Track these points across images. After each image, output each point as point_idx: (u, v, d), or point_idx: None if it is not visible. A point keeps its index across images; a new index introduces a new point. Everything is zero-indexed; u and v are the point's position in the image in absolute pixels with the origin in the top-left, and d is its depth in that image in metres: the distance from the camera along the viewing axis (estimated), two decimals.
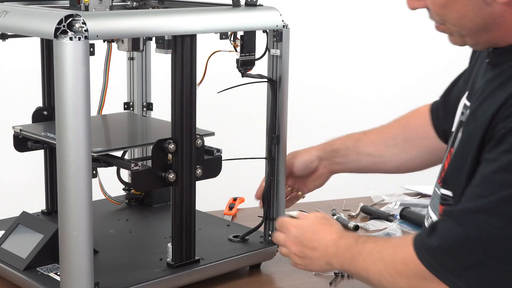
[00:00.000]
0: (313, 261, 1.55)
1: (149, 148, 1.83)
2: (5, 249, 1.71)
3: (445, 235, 1.31)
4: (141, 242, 1.85)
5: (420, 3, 1.39)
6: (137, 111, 2.09)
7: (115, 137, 1.90)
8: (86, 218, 1.47)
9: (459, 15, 1.34)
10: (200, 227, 1.85)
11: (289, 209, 2.07)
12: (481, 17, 1.33)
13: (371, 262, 1.43)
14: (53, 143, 1.67)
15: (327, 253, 1.52)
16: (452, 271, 1.30)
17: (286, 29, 1.73)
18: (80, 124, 1.43)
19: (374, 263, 1.42)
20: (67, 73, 1.41)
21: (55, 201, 1.93)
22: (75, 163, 1.44)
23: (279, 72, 1.75)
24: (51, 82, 1.88)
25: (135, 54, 2.07)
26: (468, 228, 1.28)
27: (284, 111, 1.77)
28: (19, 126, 1.81)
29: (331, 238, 1.53)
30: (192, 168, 1.66)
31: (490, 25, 1.34)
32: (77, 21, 1.42)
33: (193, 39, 1.60)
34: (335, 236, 1.53)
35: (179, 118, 1.63)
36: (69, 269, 1.49)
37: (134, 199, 2.09)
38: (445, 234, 1.31)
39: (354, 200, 2.27)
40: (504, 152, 1.25)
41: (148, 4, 1.93)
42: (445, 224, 1.32)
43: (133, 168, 1.60)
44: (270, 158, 1.79)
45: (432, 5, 1.37)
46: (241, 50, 1.69)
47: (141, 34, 1.59)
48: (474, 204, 1.28)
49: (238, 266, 1.78)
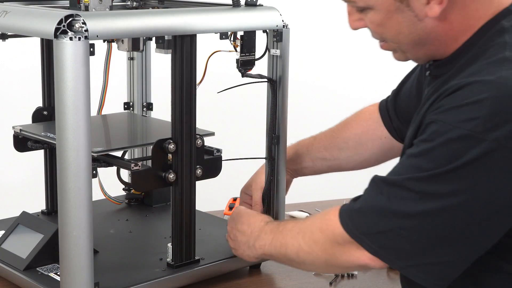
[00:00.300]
0: (239, 244, 1.66)
1: (149, 148, 1.83)
2: (5, 249, 1.71)
3: (366, 200, 1.40)
4: (141, 242, 1.85)
5: (361, 23, 1.46)
6: (137, 111, 2.09)
7: (115, 137, 1.90)
8: (86, 218, 1.47)
9: (395, 32, 1.42)
10: (200, 227, 1.85)
11: (289, 210, 2.07)
12: (415, 32, 1.41)
13: (290, 236, 1.52)
14: (53, 143, 1.67)
15: (251, 237, 1.63)
16: (365, 232, 1.38)
17: (286, 29, 1.73)
18: (80, 124, 1.43)
19: (293, 237, 1.51)
20: (67, 73, 1.41)
21: (55, 201, 1.93)
22: (75, 163, 1.44)
23: (279, 72, 1.75)
24: (51, 82, 1.88)
25: (135, 54, 2.07)
26: (387, 197, 1.36)
27: (284, 111, 1.77)
28: (19, 126, 1.81)
29: (259, 225, 1.63)
30: (192, 168, 1.66)
31: (426, 40, 1.42)
32: (77, 21, 1.42)
33: (193, 39, 1.60)
34: (263, 223, 1.63)
35: (179, 118, 1.63)
36: (69, 269, 1.49)
37: (134, 199, 2.09)
38: (367, 199, 1.40)
39: None
40: (423, 140, 1.35)
41: (148, 4, 1.93)
42: (369, 190, 1.40)
43: (133, 168, 1.60)
44: (270, 158, 1.79)
45: (370, 24, 1.45)
46: (241, 50, 1.69)
47: (141, 34, 1.59)
48: (395, 178, 1.37)
49: (238, 266, 1.78)
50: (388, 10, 1.40)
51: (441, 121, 1.32)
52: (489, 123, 1.27)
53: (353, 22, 1.48)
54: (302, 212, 2.14)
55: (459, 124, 1.29)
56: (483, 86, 1.30)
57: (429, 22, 1.40)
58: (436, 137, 1.32)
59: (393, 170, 1.40)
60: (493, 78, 1.30)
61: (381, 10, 1.41)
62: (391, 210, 1.36)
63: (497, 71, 1.31)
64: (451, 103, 1.33)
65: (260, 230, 1.62)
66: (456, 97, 1.33)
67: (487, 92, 1.29)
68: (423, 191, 1.33)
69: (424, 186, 1.33)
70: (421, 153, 1.34)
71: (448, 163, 1.30)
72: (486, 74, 1.32)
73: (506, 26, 1.38)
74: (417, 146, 1.36)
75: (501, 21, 1.39)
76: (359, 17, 1.46)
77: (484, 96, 1.29)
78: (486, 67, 1.34)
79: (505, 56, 1.33)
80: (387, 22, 1.42)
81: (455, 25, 1.40)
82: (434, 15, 1.38)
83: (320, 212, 1.51)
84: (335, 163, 1.93)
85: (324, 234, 1.45)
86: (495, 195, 1.30)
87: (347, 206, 1.44)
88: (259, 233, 1.61)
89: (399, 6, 1.39)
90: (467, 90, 1.32)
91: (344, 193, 2.34)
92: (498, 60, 1.34)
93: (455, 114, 1.31)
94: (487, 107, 1.28)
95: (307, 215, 2.12)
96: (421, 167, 1.33)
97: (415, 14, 1.39)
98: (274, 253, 1.56)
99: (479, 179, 1.29)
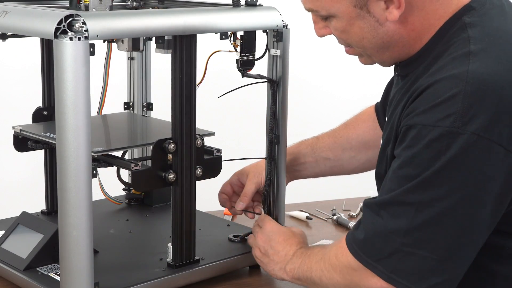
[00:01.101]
0: (270, 262, 1.67)
1: (149, 148, 1.83)
2: (5, 249, 1.71)
3: (367, 227, 1.42)
4: (141, 242, 1.85)
5: (326, 30, 1.52)
6: (137, 111, 2.09)
7: (115, 137, 1.90)
8: (86, 218, 1.47)
9: (358, 37, 1.47)
10: (200, 227, 1.85)
11: (289, 210, 2.07)
12: (378, 37, 1.46)
13: (315, 261, 1.55)
14: (53, 143, 1.67)
15: (284, 259, 1.64)
16: (376, 259, 1.39)
17: (286, 29, 1.73)
18: (80, 124, 1.43)
19: (317, 261, 1.54)
20: (67, 73, 1.41)
21: (55, 201, 1.93)
22: (75, 163, 1.44)
23: (279, 72, 1.75)
24: (51, 82, 1.88)
25: (135, 54, 2.06)
26: (384, 218, 1.38)
27: (284, 111, 1.77)
28: (19, 126, 1.81)
29: (294, 249, 1.65)
30: (192, 168, 1.66)
31: (389, 43, 1.47)
32: (77, 21, 1.42)
33: (193, 39, 1.60)
34: (297, 247, 1.65)
35: (179, 118, 1.63)
36: (69, 269, 1.49)
37: (134, 199, 2.09)
38: (367, 226, 1.42)
39: (354, 200, 2.27)
40: (405, 148, 1.37)
41: (148, 4, 1.93)
42: (366, 216, 1.42)
43: (133, 168, 1.60)
44: (270, 158, 1.79)
45: (334, 31, 1.51)
46: (241, 50, 1.69)
47: (141, 34, 1.59)
48: (387, 197, 1.38)
49: (238, 266, 1.78)
50: (350, 17, 1.44)
51: (419, 124, 1.34)
52: (465, 117, 1.30)
53: (319, 30, 1.53)
54: (302, 212, 2.14)
55: (438, 123, 1.31)
56: (452, 81, 1.33)
57: (390, 25, 1.44)
58: (418, 141, 1.34)
59: (383, 188, 1.41)
60: (461, 72, 1.33)
61: (343, 17, 1.45)
62: (392, 230, 1.37)
63: (464, 65, 1.34)
64: (424, 104, 1.35)
65: (294, 253, 1.63)
66: (427, 97, 1.35)
67: (457, 87, 1.32)
68: (417, 201, 1.34)
69: (416, 196, 1.34)
70: (406, 161, 1.36)
71: (433, 164, 1.32)
72: (453, 69, 1.34)
73: (468, 22, 1.41)
74: (399, 156, 1.38)
75: (463, 17, 1.42)
76: (324, 24, 1.51)
77: (455, 92, 1.31)
78: (452, 62, 1.36)
79: (469, 50, 1.36)
80: (350, 28, 1.46)
81: (416, 26, 1.44)
82: (394, 19, 1.42)
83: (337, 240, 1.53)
84: (338, 164, 1.93)
85: (340, 261, 1.47)
86: (486, 184, 1.32)
87: (351, 236, 1.45)
88: (292, 256, 1.63)
89: (360, 12, 1.43)
90: (437, 88, 1.34)
91: (344, 193, 2.35)
92: (463, 54, 1.36)
93: (431, 114, 1.33)
94: (460, 102, 1.31)
95: (307, 215, 2.12)
96: (410, 176, 1.35)
97: (376, 19, 1.43)
98: (302, 277, 1.58)
99: (467, 173, 1.31)
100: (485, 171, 1.31)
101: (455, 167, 1.31)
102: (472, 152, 1.30)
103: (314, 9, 1.49)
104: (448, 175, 1.31)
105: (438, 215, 1.33)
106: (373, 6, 1.42)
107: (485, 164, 1.31)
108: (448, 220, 1.33)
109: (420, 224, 1.34)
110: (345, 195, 2.32)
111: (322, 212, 2.18)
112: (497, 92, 1.31)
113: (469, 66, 1.33)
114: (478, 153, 1.30)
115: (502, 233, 1.41)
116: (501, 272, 1.43)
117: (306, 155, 1.93)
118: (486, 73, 1.32)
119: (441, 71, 1.36)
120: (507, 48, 1.37)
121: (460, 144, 1.30)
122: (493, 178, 1.32)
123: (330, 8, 1.45)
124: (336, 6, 1.44)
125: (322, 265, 1.52)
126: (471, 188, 1.32)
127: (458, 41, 1.39)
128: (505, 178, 1.33)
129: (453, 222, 1.33)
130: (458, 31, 1.41)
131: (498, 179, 1.32)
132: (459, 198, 1.32)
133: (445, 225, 1.33)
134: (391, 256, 1.37)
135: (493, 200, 1.33)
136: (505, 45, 1.38)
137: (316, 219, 2.15)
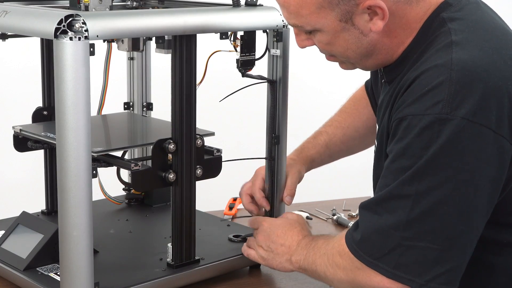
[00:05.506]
0: (275, 256, 1.66)
1: (149, 148, 1.83)
2: (5, 249, 1.71)
3: (364, 227, 1.42)
4: (141, 242, 1.85)
5: (309, 42, 1.53)
6: (137, 111, 2.09)
7: (115, 137, 1.90)
8: (86, 218, 1.47)
9: (343, 49, 1.50)
10: (200, 227, 1.85)
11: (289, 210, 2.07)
12: (362, 47, 1.48)
13: (319, 255, 1.55)
14: (53, 143, 1.67)
15: (289, 250, 1.64)
16: (377, 257, 1.39)
17: (286, 29, 1.73)
18: (80, 124, 1.43)
19: (321, 256, 1.55)
20: (67, 73, 1.41)
21: (55, 201, 1.93)
22: (75, 163, 1.44)
23: (279, 72, 1.75)
24: (51, 82, 1.88)
25: (135, 54, 2.06)
26: (382, 215, 1.38)
27: (284, 111, 1.77)
28: (19, 126, 1.81)
29: (297, 239, 1.64)
30: (192, 168, 1.66)
31: (373, 51, 1.49)
32: (77, 21, 1.42)
33: (193, 39, 1.60)
34: (300, 237, 1.65)
35: (179, 118, 1.63)
36: (69, 269, 1.49)
37: (134, 199, 2.09)
38: (364, 225, 1.43)
39: (354, 200, 2.27)
40: (396, 141, 1.38)
41: (148, 4, 1.93)
42: (362, 217, 1.43)
43: (133, 168, 1.60)
44: (270, 158, 1.79)
45: (318, 44, 1.52)
46: (241, 50, 1.69)
47: (141, 34, 1.59)
48: (383, 193, 1.39)
49: (238, 266, 1.78)
50: (335, 30, 1.46)
51: (409, 115, 1.36)
52: (453, 102, 1.32)
53: (301, 41, 1.54)
54: (302, 212, 2.14)
55: (427, 111, 1.33)
56: (437, 70, 1.35)
57: (374, 35, 1.46)
58: (409, 132, 1.35)
59: (379, 186, 1.42)
60: (445, 61, 1.35)
61: (328, 31, 1.47)
62: (391, 225, 1.37)
63: (447, 54, 1.36)
64: (412, 95, 1.37)
65: (298, 244, 1.63)
66: (415, 88, 1.37)
67: (442, 75, 1.34)
68: (414, 192, 1.34)
69: (412, 187, 1.34)
70: (399, 153, 1.37)
71: (426, 152, 1.33)
72: (437, 59, 1.37)
73: (446, 17, 1.43)
74: (391, 151, 1.39)
75: (441, 14, 1.44)
76: (307, 37, 1.52)
77: (441, 79, 1.34)
78: (435, 53, 1.39)
79: (451, 40, 1.39)
80: (335, 41, 1.48)
81: (399, 33, 1.47)
82: (378, 29, 1.44)
83: (339, 234, 1.53)
84: (348, 152, 1.98)
85: (343, 259, 1.48)
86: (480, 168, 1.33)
87: (351, 236, 1.45)
88: (297, 247, 1.63)
89: (345, 26, 1.45)
90: (423, 78, 1.37)
91: (344, 193, 2.35)
92: (446, 45, 1.39)
93: (420, 104, 1.35)
94: (446, 89, 1.33)
95: (307, 215, 2.12)
96: (404, 167, 1.36)
97: (360, 31, 1.45)
98: (308, 269, 1.59)
99: (461, 158, 1.32)
100: (478, 155, 1.33)
101: (448, 153, 1.32)
102: (463, 136, 1.32)
103: (299, 25, 1.49)
104: (442, 161, 1.33)
105: (436, 204, 1.33)
106: (357, 18, 1.44)
107: (478, 148, 1.32)
108: (446, 208, 1.33)
109: (419, 215, 1.34)
110: (345, 195, 2.32)
111: (322, 212, 2.18)
112: (481, 76, 1.33)
113: (452, 54, 1.36)
114: (470, 137, 1.32)
115: (498, 224, 1.41)
116: (499, 263, 1.44)
117: (323, 154, 1.94)
118: (469, 60, 1.34)
119: (426, 63, 1.39)
120: (487, 37, 1.40)
121: (450, 129, 1.31)
122: (486, 162, 1.33)
123: (315, 24, 1.46)
124: (321, 22, 1.45)
125: (326, 260, 1.52)
126: (466, 173, 1.33)
127: (439, 35, 1.42)
128: (499, 161, 1.34)
129: (451, 210, 1.33)
130: (438, 27, 1.43)
131: (492, 163, 1.34)
132: (455, 184, 1.33)
133: (443, 214, 1.34)
134: (392, 252, 1.37)
135: (489, 184, 1.35)
136: (485, 34, 1.41)
137: (316, 219, 2.15)
